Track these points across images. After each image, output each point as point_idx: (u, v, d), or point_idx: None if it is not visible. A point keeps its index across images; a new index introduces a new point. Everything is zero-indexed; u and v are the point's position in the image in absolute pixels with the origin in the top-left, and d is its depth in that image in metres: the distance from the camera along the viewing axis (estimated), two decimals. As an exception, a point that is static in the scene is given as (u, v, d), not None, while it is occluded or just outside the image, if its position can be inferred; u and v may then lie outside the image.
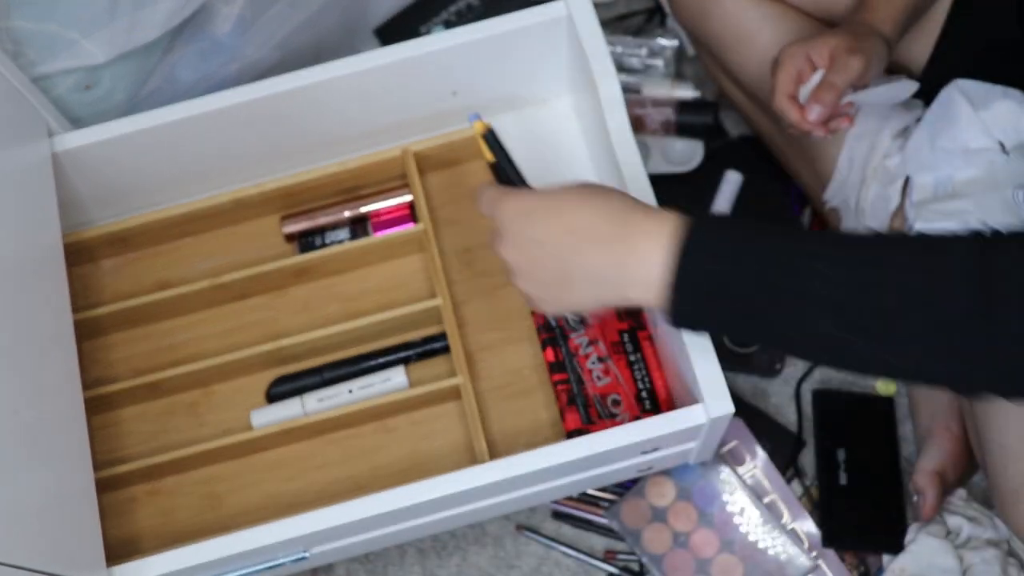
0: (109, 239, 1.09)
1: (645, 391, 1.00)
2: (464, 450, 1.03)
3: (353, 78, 1.01)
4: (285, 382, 1.06)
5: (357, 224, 1.11)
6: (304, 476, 1.04)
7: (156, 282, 1.11)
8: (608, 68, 0.97)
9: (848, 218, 1.10)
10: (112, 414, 1.06)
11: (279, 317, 1.09)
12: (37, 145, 0.98)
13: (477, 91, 1.07)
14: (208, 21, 1.07)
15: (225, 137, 1.03)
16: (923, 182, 1.00)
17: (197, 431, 1.06)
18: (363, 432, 1.05)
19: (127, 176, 1.05)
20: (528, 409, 1.03)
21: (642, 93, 1.22)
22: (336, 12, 1.18)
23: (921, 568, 1.01)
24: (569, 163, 1.11)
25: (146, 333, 1.09)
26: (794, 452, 1.12)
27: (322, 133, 1.07)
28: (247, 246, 1.12)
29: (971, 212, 0.95)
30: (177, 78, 1.08)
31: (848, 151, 1.05)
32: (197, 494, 1.04)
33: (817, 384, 1.16)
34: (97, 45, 0.98)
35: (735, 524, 1.07)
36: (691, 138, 1.22)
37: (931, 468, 1.04)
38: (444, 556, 1.10)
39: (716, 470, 1.08)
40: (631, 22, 1.33)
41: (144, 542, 1.02)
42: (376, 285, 1.09)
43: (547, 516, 1.11)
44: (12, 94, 0.95)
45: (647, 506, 1.08)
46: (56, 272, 0.95)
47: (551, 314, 1.00)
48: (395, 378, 1.04)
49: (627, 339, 1.02)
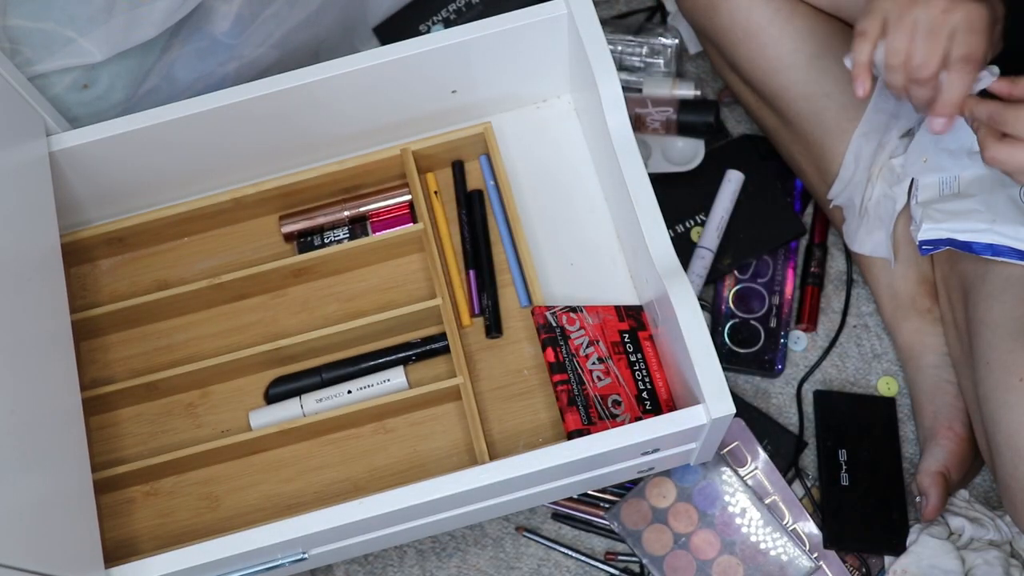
0: (107, 239, 1.08)
1: (646, 392, 1.00)
2: (464, 451, 1.03)
3: (352, 77, 1.00)
4: (284, 383, 1.06)
5: (356, 224, 1.10)
6: (303, 477, 1.03)
7: (154, 282, 1.10)
8: (608, 67, 0.97)
9: (852, 217, 1.10)
10: (110, 415, 1.06)
11: (278, 317, 1.08)
12: (34, 144, 0.97)
13: (477, 90, 1.07)
14: (206, 20, 1.06)
15: (223, 136, 1.03)
16: (928, 182, 1.00)
17: (195, 432, 1.05)
18: (362, 433, 1.04)
19: (125, 175, 1.05)
20: (528, 410, 1.03)
21: (643, 92, 1.22)
22: (335, 11, 1.18)
23: (923, 569, 1.01)
24: (569, 162, 1.11)
25: (144, 333, 1.08)
26: (795, 453, 1.12)
27: (321, 132, 1.07)
28: (246, 246, 1.11)
29: (980, 212, 0.94)
30: (175, 77, 1.08)
31: (855, 149, 1.05)
32: (195, 495, 1.04)
33: (818, 385, 1.15)
34: (95, 44, 0.98)
35: (736, 525, 1.07)
36: (692, 137, 1.21)
37: (934, 469, 1.03)
38: (444, 557, 1.10)
39: (717, 471, 1.08)
40: (632, 20, 1.33)
41: (142, 543, 1.02)
42: (375, 285, 1.09)
43: (547, 517, 1.11)
44: (9, 93, 0.95)
45: (647, 507, 1.08)
46: (54, 272, 0.95)
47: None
48: (394, 379, 1.04)
49: (628, 339, 1.02)
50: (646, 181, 0.94)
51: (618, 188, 0.98)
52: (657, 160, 1.22)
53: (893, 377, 1.14)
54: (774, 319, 1.16)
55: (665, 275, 0.91)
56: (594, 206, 1.09)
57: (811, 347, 1.17)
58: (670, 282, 0.90)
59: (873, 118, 1.04)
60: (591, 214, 1.09)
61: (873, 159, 1.05)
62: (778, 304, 1.17)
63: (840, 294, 1.19)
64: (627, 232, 1.03)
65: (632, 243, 1.02)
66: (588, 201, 1.09)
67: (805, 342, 1.17)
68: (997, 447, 0.92)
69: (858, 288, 1.18)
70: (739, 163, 1.20)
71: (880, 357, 1.16)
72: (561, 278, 1.06)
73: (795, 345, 1.17)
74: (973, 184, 0.97)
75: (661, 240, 0.93)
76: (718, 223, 1.17)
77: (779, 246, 1.19)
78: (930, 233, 0.97)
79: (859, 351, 1.16)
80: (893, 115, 1.04)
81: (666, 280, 0.90)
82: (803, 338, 1.17)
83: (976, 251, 0.95)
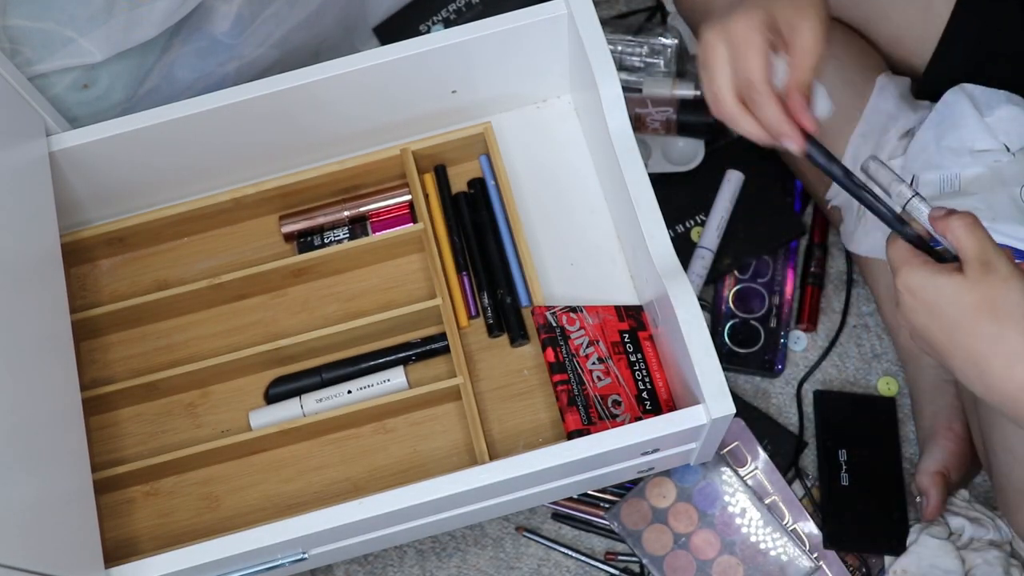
0: (107, 239, 1.08)
1: (646, 392, 1.00)
2: (464, 451, 1.03)
3: (352, 77, 1.00)
4: (284, 383, 1.05)
5: (356, 224, 1.10)
6: (303, 477, 1.03)
7: (154, 282, 1.10)
8: (609, 67, 0.97)
9: (849, 218, 1.10)
10: (110, 415, 1.06)
11: (278, 317, 1.08)
12: (34, 144, 0.97)
13: (477, 90, 1.07)
14: (206, 20, 1.06)
15: (223, 136, 1.03)
16: (928, 179, 0.99)
17: (195, 432, 1.05)
18: (362, 433, 1.04)
19: (125, 175, 1.05)
20: (528, 410, 1.03)
21: (643, 92, 1.22)
22: (335, 10, 1.18)
23: (923, 569, 1.01)
24: (569, 162, 1.11)
25: (144, 333, 1.08)
26: (795, 453, 1.12)
27: (321, 132, 1.07)
28: (245, 246, 1.11)
29: (980, 210, 0.94)
30: (175, 77, 1.08)
31: (852, 150, 1.05)
32: (195, 495, 1.03)
33: (819, 385, 1.15)
34: (95, 43, 0.98)
35: (736, 525, 1.07)
36: (692, 137, 1.21)
37: (934, 469, 1.03)
38: (443, 557, 1.10)
39: (717, 471, 1.08)
40: (632, 20, 1.33)
41: (142, 543, 1.02)
42: (375, 285, 1.09)
43: (547, 517, 1.11)
44: (9, 93, 0.95)
45: (647, 507, 1.08)
46: (54, 272, 0.95)
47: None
48: (394, 379, 1.04)
49: (627, 339, 1.02)
50: (646, 182, 0.94)
51: (618, 188, 0.98)
52: (657, 160, 1.22)
53: (893, 377, 1.14)
54: (774, 319, 1.16)
55: (665, 275, 0.91)
56: (594, 206, 1.09)
57: (811, 347, 1.17)
58: (670, 282, 0.90)
59: (871, 119, 1.04)
60: (591, 214, 1.08)
61: None
62: (778, 304, 1.17)
63: (840, 294, 1.19)
64: (627, 232, 1.03)
65: (632, 243, 1.01)
66: (588, 201, 1.09)
67: (805, 342, 1.17)
68: (992, 449, 0.92)
69: (858, 288, 1.18)
70: (739, 163, 1.20)
71: (880, 357, 1.16)
72: (561, 278, 1.06)
73: (795, 345, 1.17)
74: (974, 183, 0.97)
75: (661, 240, 0.93)
76: (718, 223, 1.17)
77: (779, 246, 1.19)
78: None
79: (859, 351, 1.16)
80: (891, 116, 1.04)
81: (666, 280, 0.90)
82: (803, 338, 1.17)
83: None
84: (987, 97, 0.98)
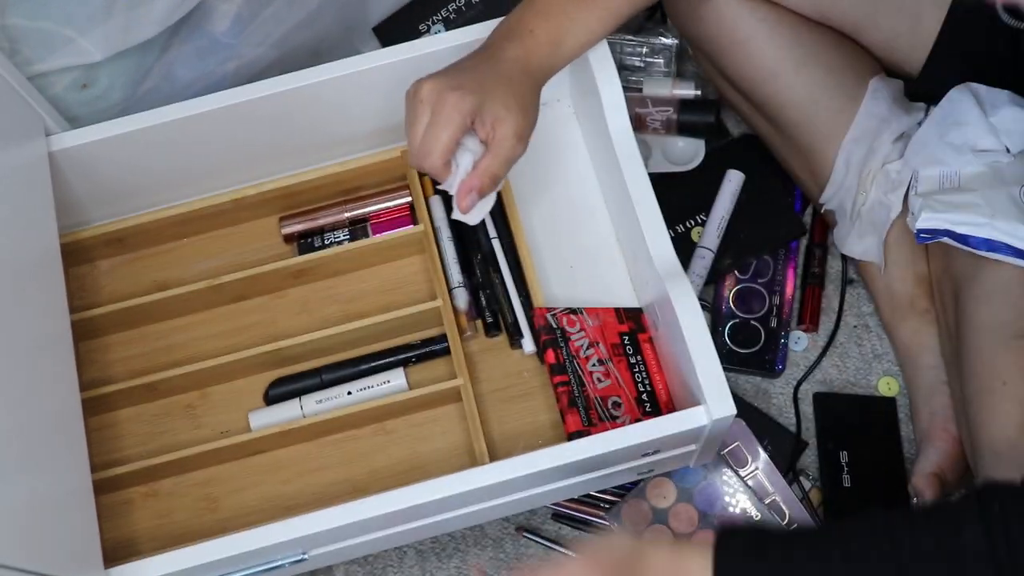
0: (106, 239, 1.08)
1: (645, 394, 1.00)
2: (464, 452, 1.03)
3: (353, 78, 1.00)
4: (283, 384, 1.05)
5: (356, 225, 1.10)
6: (302, 478, 1.03)
7: (154, 283, 1.10)
8: (609, 69, 0.97)
9: (843, 221, 1.10)
10: (109, 415, 1.06)
11: (278, 318, 1.08)
12: (34, 144, 0.97)
13: (477, 90, 1.07)
14: (206, 19, 1.06)
15: (224, 137, 1.03)
16: (929, 175, 0.99)
17: (195, 433, 1.05)
18: (362, 434, 1.04)
19: (125, 176, 1.05)
20: (528, 411, 1.03)
21: (643, 92, 1.22)
22: (334, 10, 1.18)
23: (923, 570, 1.01)
24: (569, 165, 1.10)
25: (143, 334, 1.08)
26: (795, 453, 1.12)
27: (321, 133, 1.06)
28: (246, 247, 1.11)
29: (980, 206, 0.94)
30: (175, 76, 1.08)
31: (845, 154, 1.05)
32: (195, 496, 1.03)
33: (819, 385, 1.15)
34: (94, 43, 0.98)
35: (736, 526, 1.07)
36: (692, 137, 1.21)
37: (930, 470, 1.03)
38: (443, 558, 1.10)
39: (717, 471, 1.08)
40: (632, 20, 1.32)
41: (141, 544, 1.01)
42: (375, 286, 1.09)
43: (547, 518, 1.11)
44: (8, 93, 0.95)
45: (648, 508, 1.08)
46: (53, 272, 0.95)
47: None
48: (394, 380, 1.03)
49: (627, 341, 1.02)
50: (647, 184, 0.94)
51: (619, 191, 0.98)
52: (657, 160, 1.22)
53: (894, 377, 1.14)
54: (774, 319, 1.16)
55: (665, 275, 0.91)
56: (594, 209, 1.09)
57: (812, 347, 1.17)
58: (670, 282, 0.90)
59: (863, 123, 1.04)
60: (591, 216, 1.08)
61: (864, 164, 1.05)
62: (778, 304, 1.17)
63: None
64: (627, 234, 1.03)
65: (632, 245, 1.01)
66: (588, 203, 1.09)
67: (805, 342, 1.17)
68: (979, 449, 0.92)
69: (859, 288, 1.18)
70: (739, 163, 1.20)
71: (881, 357, 1.16)
72: (561, 280, 1.06)
73: (795, 345, 1.17)
74: (974, 180, 0.97)
75: (661, 241, 0.93)
76: (718, 223, 1.17)
77: (779, 246, 1.18)
78: (929, 222, 0.96)
79: (859, 351, 1.16)
80: (884, 120, 1.04)
81: (666, 280, 0.90)
82: (803, 338, 1.17)
83: (973, 245, 0.95)
84: (991, 97, 0.98)
